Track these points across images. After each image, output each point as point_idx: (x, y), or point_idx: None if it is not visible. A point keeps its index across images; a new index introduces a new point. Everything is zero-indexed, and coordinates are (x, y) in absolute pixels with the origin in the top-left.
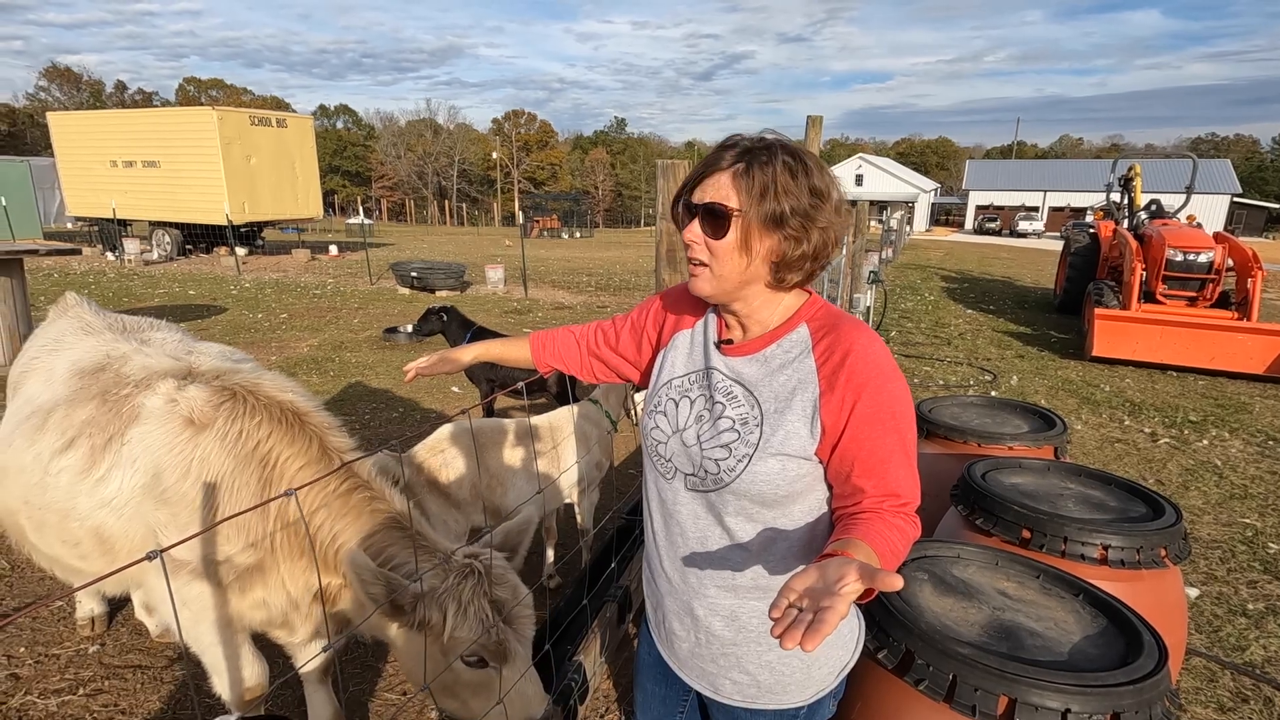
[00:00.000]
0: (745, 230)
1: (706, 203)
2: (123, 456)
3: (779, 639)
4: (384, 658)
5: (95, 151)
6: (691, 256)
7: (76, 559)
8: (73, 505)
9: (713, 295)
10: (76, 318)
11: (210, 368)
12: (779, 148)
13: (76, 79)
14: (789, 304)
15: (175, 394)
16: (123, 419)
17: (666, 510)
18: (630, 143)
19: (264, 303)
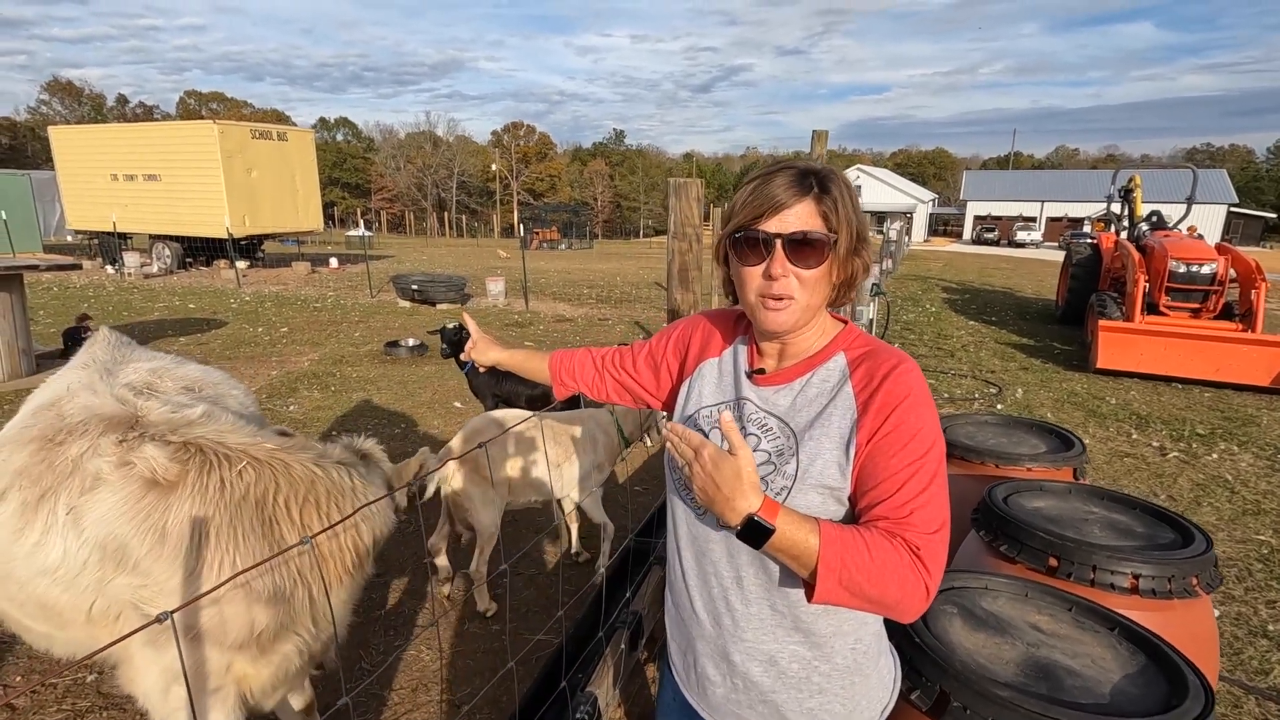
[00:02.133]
0: (834, 257)
1: (795, 232)
2: (61, 522)
3: None
4: (390, 684)
5: (96, 165)
6: (775, 292)
7: (24, 618)
8: (10, 570)
9: (793, 328)
10: (90, 354)
11: (161, 419)
12: (828, 169)
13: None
14: (827, 330)
15: (127, 455)
16: (56, 473)
17: (699, 548)
18: (629, 154)
19: (264, 316)
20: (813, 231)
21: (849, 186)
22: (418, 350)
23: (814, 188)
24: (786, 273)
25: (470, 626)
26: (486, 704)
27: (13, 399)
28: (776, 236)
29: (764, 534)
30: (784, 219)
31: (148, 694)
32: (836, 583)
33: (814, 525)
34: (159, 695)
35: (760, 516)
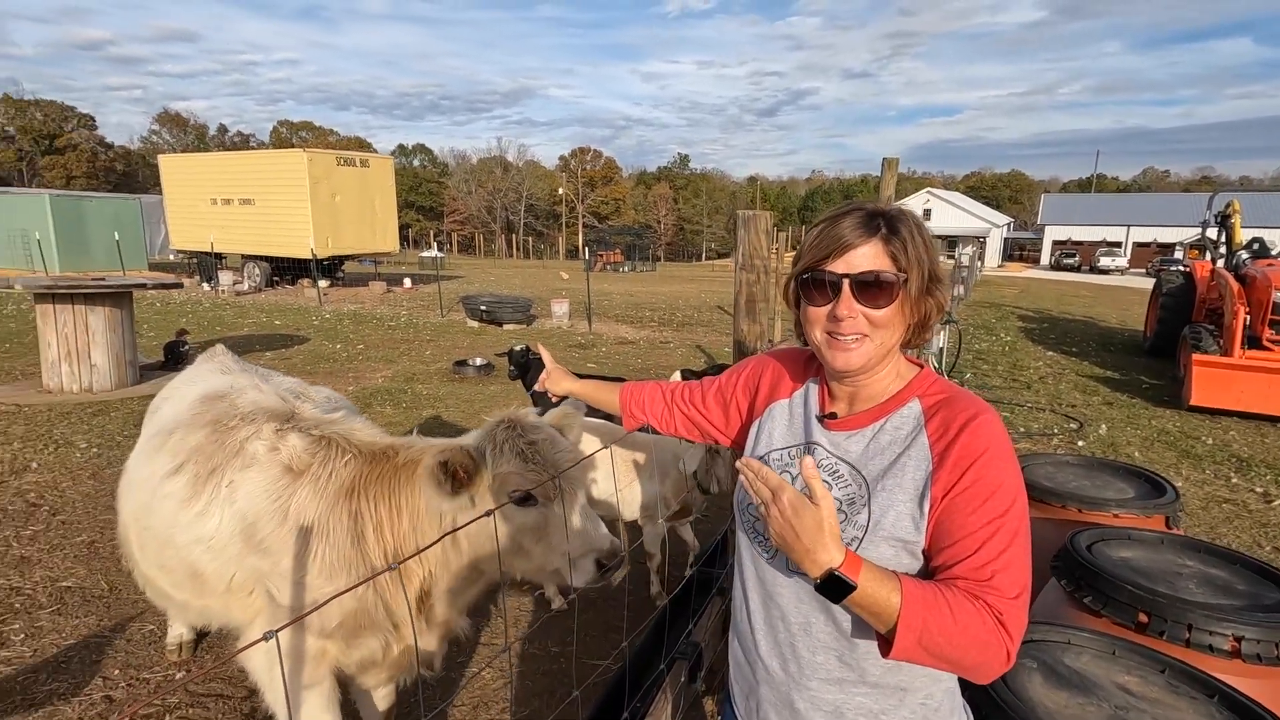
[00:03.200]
0: (906, 297)
1: (862, 272)
2: (222, 495)
3: None
4: (452, 699)
5: (198, 190)
6: (844, 331)
7: (168, 585)
8: (171, 535)
9: (864, 367)
10: (219, 363)
11: (311, 416)
12: (897, 210)
13: (184, 123)
14: (901, 373)
15: (277, 441)
16: (226, 451)
17: (765, 591)
18: (693, 178)
19: (342, 333)
20: (882, 272)
21: (919, 226)
22: (485, 370)
23: (882, 228)
24: (854, 313)
25: (530, 648)
26: None
27: (118, 406)
28: (844, 277)
29: (845, 590)
30: (850, 259)
31: (257, 671)
32: (915, 642)
33: (896, 582)
34: (265, 673)
35: (842, 572)
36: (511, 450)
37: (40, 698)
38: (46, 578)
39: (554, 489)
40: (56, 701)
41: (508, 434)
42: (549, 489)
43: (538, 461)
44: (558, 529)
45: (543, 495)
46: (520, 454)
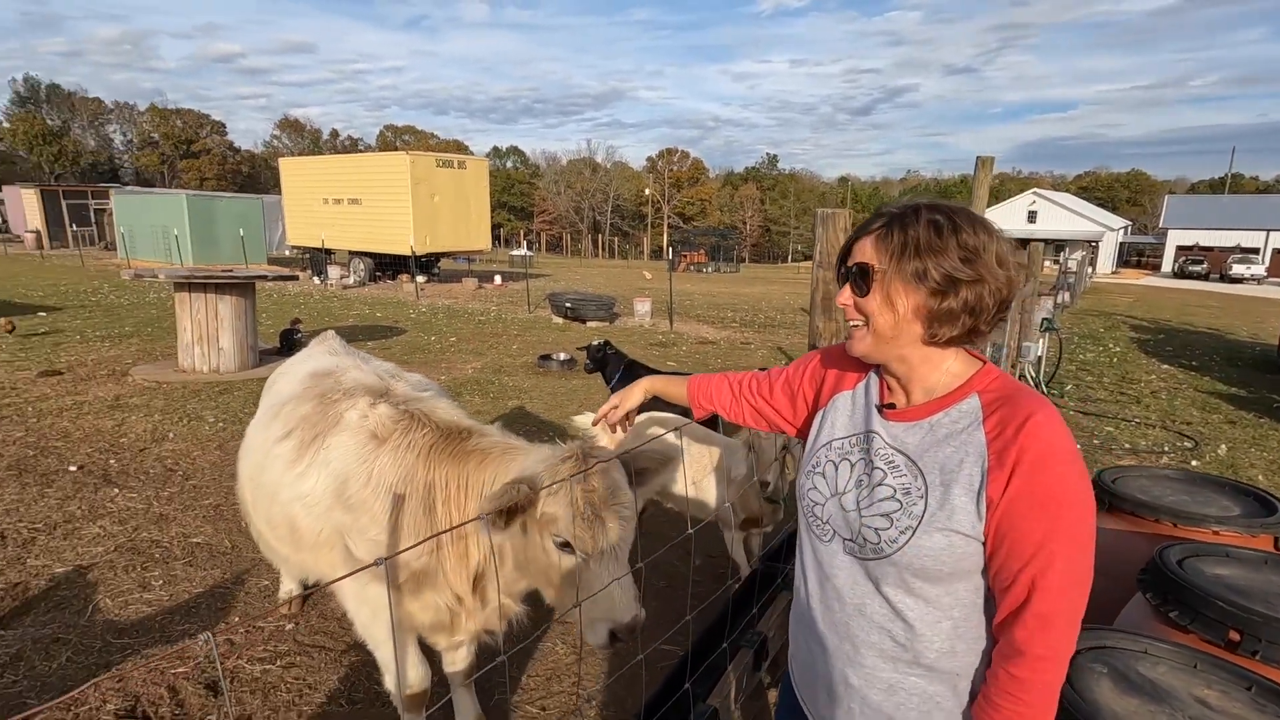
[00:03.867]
0: (887, 287)
1: (852, 264)
2: (320, 458)
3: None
4: (526, 669)
5: (312, 190)
6: (848, 319)
7: (274, 539)
8: (277, 491)
9: (868, 354)
10: (328, 346)
11: (403, 393)
12: (924, 208)
13: (301, 128)
14: (956, 370)
15: (368, 410)
16: (328, 421)
17: (822, 573)
18: (781, 179)
19: (437, 326)
20: (859, 263)
21: (941, 224)
22: (567, 364)
23: (882, 225)
24: (847, 301)
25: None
26: (613, 701)
27: (240, 386)
28: (846, 270)
29: None
30: (853, 254)
31: (354, 614)
32: None
33: None
34: (354, 611)
35: None
36: (566, 496)
37: (174, 635)
38: (180, 534)
39: (594, 547)
40: (187, 640)
41: (570, 472)
42: (587, 545)
43: (586, 516)
44: (587, 584)
45: (582, 549)
46: (572, 503)
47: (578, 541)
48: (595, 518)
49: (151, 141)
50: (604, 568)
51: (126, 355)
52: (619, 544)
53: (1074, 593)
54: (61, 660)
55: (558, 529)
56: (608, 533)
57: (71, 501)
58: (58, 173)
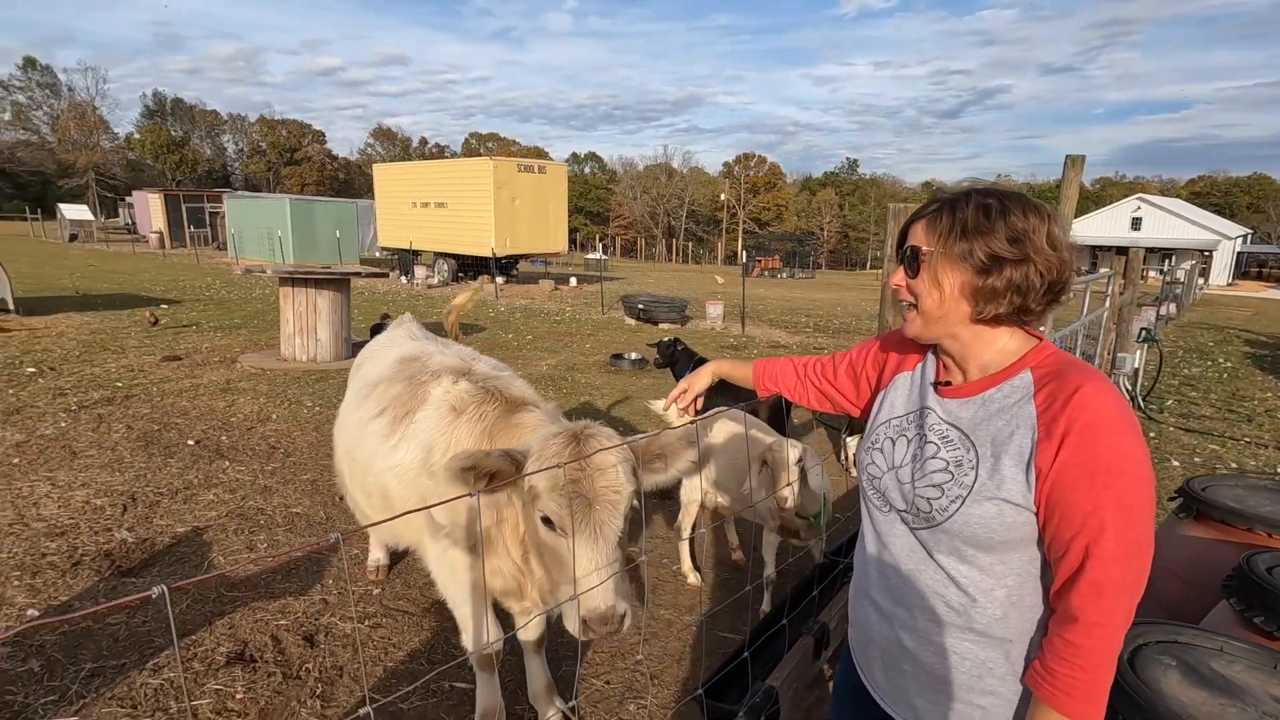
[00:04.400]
0: (935, 267)
1: (903, 248)
2: (409, 431)
3: None
4: (592, 645)
5: (402, 195)
6: (900, 299)
7: (368, 508)
8: (371, 463)
9: (920, 334)
10: (407, 330)
11: (481, 372)
12: (976, 193)
13: (393, 136)
14: (1010, 347)
15: (450, 387)
16: (416, 399)
17: (880, 541)
18: (861, 183)
19: (514, 325)
20: (909, 245)
21: (990, 206)
22: (638, 364)
23: (934, 209)
24: (901, 283)
25: (666, 613)
26: (674, 681)
27: (334, 375)
28: (899, 254)
29: None
30: (907, 241)
31: (435, 574)
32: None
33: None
34: (436, 571)
35: None
36: (551, 472)
37: (277, 593)
38: (281, 504)
39: (570, 525)
40: (288, 598)
41: (559, 449)
42: (565, 522)
43: (566, 492)
44: (567, 564)
45: (559, 525)
46: (553, 477)
47: (556, 518)
48: (576, 495)
49: (259, 150)
50: (584, 550)
51: (235, 344)
52: (602, 527)
53: (1129, 561)
54: (182, 607)
55: (541, 504)
56: (590, 513)
57: (190, 471)
58: (178, 179)
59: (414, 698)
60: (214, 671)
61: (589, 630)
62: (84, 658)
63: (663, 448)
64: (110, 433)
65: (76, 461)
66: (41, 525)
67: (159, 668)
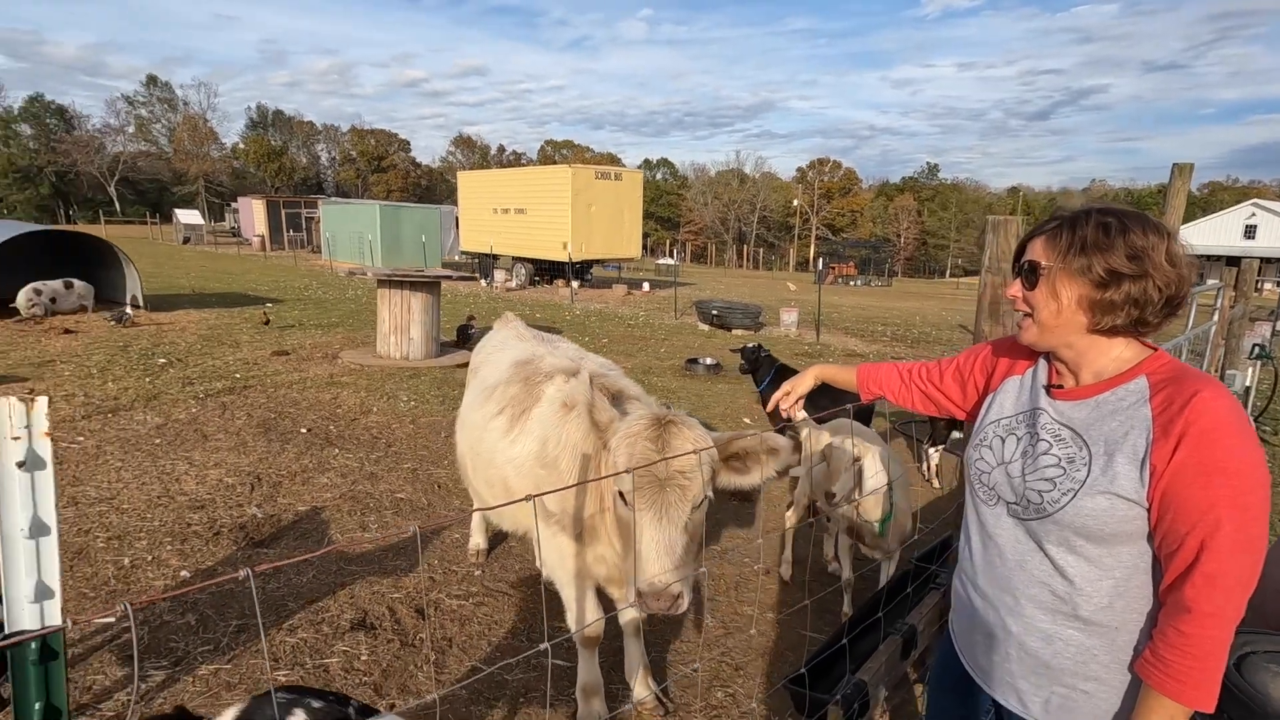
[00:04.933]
0: (1053, 281)
1: (1022, 261)
2: (526, 428)
3: None
4: (680, 635)
5: (484, 201)
6: (1015, 309)
7: (489, 497)
8: (493, 457)
9: (1034, 342)
10: (514, 330)
11: (591, 369)
12: (1096, 211)
13: (473, 144)
14: (1125, 356)
15: (562, 385)
16: (532, 398)
17: (985, 533)
18: (942, 189)
19: (589, 328)
20: (1028, 260)
21: (1110, 225)
22: (714, 369)
23: (1054, 226)
24: (1018, 294)
25: (748, 609)
26: (758, 673)
27: (425, 372)
28: (1016, 267)
29: None
30: (1026, 252)
31: (545, 557)
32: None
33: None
34: (545, 555)
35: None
36: (628, 447)
37: (390, 570)
38: (386, 490)
39: (633, 500)
40: (399, 574)
41: (641, 430)
42: (633, 497)
43: (637, 470)
44: (629, 535)
45: (629, 500)
46: (630, 455)
47: (627, 493)
48: (648, 474)
49: (350, 158)
50: (648, 527)
51: (335, 342)
52: (668, 508)
53: (1243, 558)
54: (309, 576)
55: (619, 481)
56: (660, 493)
57: (305, 456)
58: (276, 186)
59: (517, 670)
60: (340, 635)
61: (644, 604)
62: (231, 615)
63: (743, 448)
64: (234, 419)
65: (208, 444)
66: (185, 499)
67: (294, 628)
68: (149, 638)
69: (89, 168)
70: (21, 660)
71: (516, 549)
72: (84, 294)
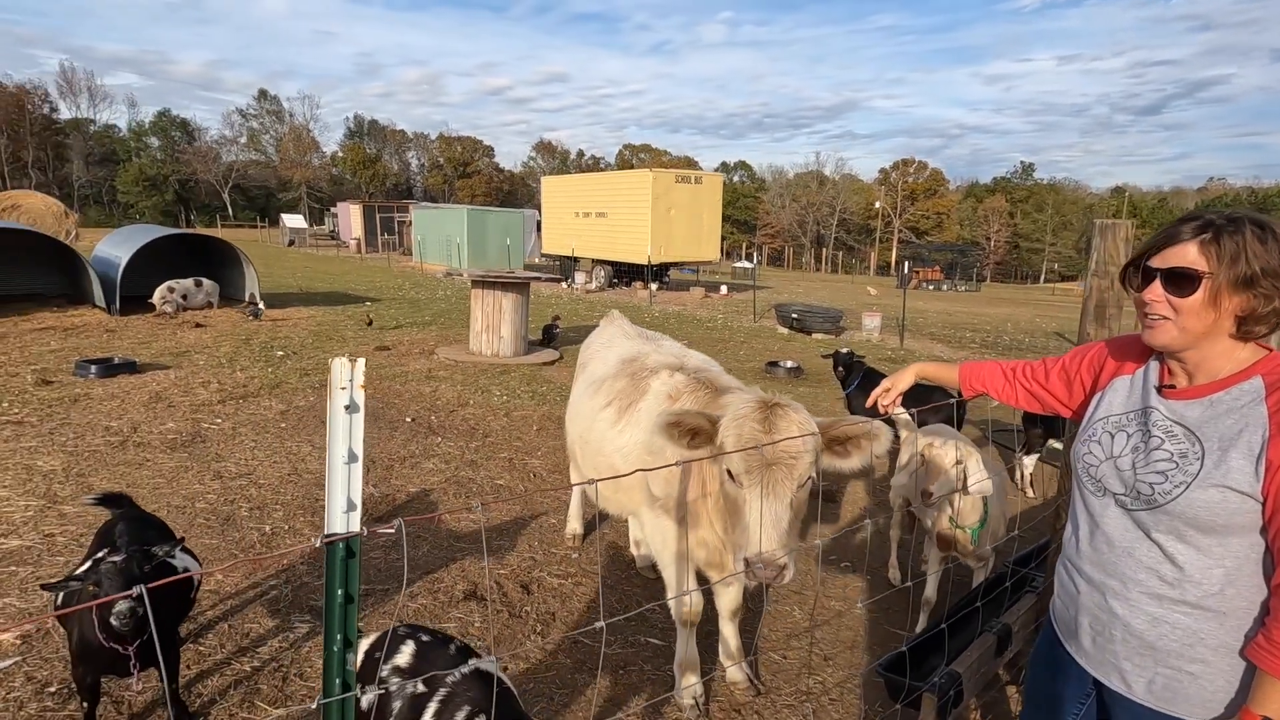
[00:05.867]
0: (1215, 291)
1: (1171, 267)
2: (633, 419)
3: None
4: (771, 625)
5: (566, 205)
6: (1151, 313)
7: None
8: (602, 445)
9: (1169, 344)
10: (619, 327)
11: (693, 366)
12: (1246, 219)
13: (553, 149)
14: (1243, 357)
15: (667, 379)
16: (639, 392)
17: (1093, 522)
18: (1037, 189)
19: (669, 330)
20: (1187, 268)
21: (1262, 234)
22: (795, 372)
23: (1205, 233)
24: (1159, 298)
25: (836, 604)
26: (846, 665)
27: (514, 369)
28: (1157, 270)
29: None
30: (1167, 255)
31: (650, 539)
32: None
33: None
34: (650, 537)
35: None
36: (737, 429)
37: (494, 549)
38: (486, 476)
39: (747, 479)
40: (503, 553)
41: (749, 412)
42: (741, 475)
43: (747, 450)
44: (739, 512)
45: (738, 477)
46: (739, 436)
47: (736, 471)
48: (756, 454)
49: (437, 165)
50: (756, 501)
51: (430, 339)
52: (775, 485)
53: None
54: (423, 550)
55: (726, 458)
56: (768, 471)
57: (411, 443)
58: (370, 191)
59: (616, 645)
60: (455, 603)
61: (752, 573)
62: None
63: (845, 433)
64: None
65: (325, 429)
66: (310, 477)
67: (414, 595)
68: (292, 595)
69: (207, 176)
70: (333, 557)
71: (609, 535)
72: (211, 291)
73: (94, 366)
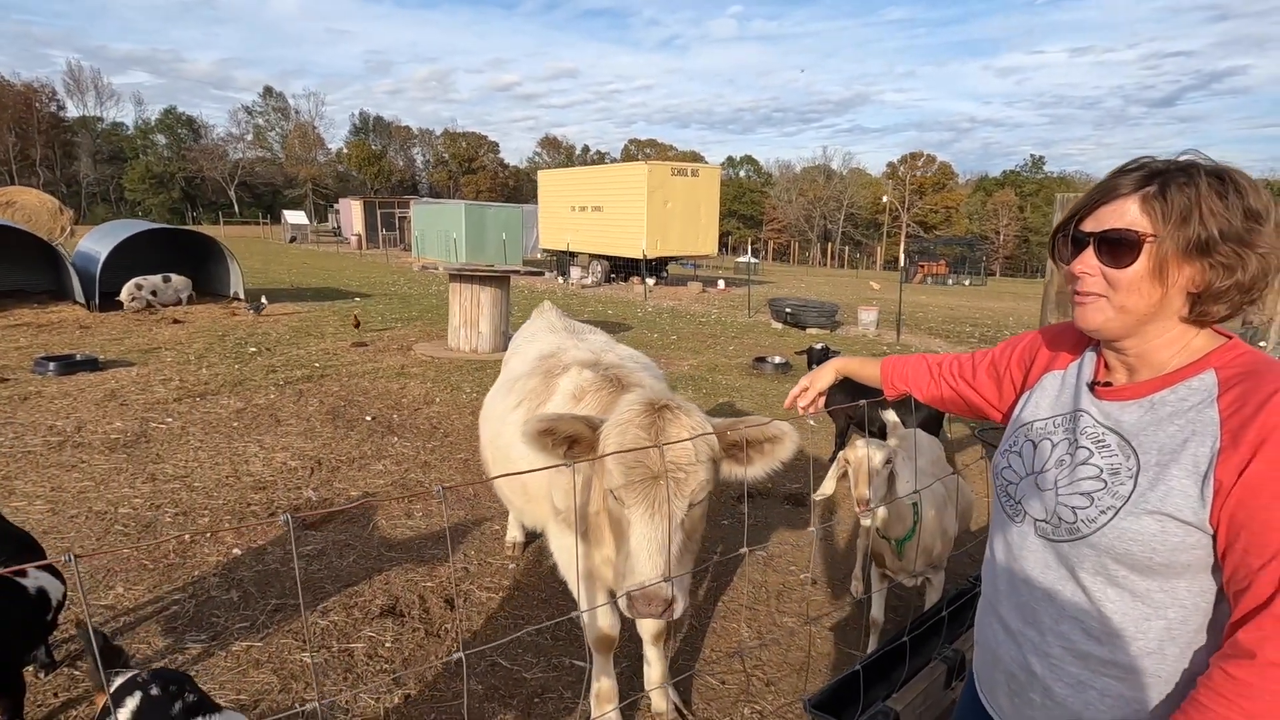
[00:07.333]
0: (1160, 260)
1: (1105, 230)
2: None
3: None
4: (710, 644)
5: (562, 199)
6: (1082, 289)
7: (508, 492)
8: (509, 451)
9: (1102, 328)
10: (546, 319)
11: (608, 362)
12: (1200, 166)
13: (558, 145)
14: (1196, 346)
15: (575, 377)
16: (548, 391)
17: (1011, 554)
18: (1047, 183)
19: (660, 325)
20: (1125, 230)
21: (1221, 187)
22: (782, 368)
23: (1149, 184)
24: (1091, 270)
25: (790, 620)
26: (790, 690)
27: (492, 365)
28: (1089, 235)
29: None
30: (1100, 216)
31: (556, 558)
32: None
33: None
34: (556, 555)
35: None
36: (619, 435)
37: (427, 558)
38: (438, 478)
39: (626, 496)
40: (435, 563)
41: (633, 418)
42: (622, 492)
43: (630, 462)
44: (623, 535)
45: (618, 495)
46: (620, 444)
47: (614, 488)
48: (640, 467)
49: (443, 161)
50: (640, 524)
51: (412, 334)
52: (662, 504)
53: None
54: (349, 560)
55: (606, 474)
56: (653, 488)
57: (365, 443)
58: (375, 188)
59: (537, 669)
60: (369, 620)
61: (634, 608)
62: (271, 594)
63: (747, 438)
64: (307, 405)
65: (279, 428)
66: (250, 480)
67: (326, 610)
68: (194, 610)
69: (213, 173)
70: None
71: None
72: (181, 287)
73: (53, 364)
